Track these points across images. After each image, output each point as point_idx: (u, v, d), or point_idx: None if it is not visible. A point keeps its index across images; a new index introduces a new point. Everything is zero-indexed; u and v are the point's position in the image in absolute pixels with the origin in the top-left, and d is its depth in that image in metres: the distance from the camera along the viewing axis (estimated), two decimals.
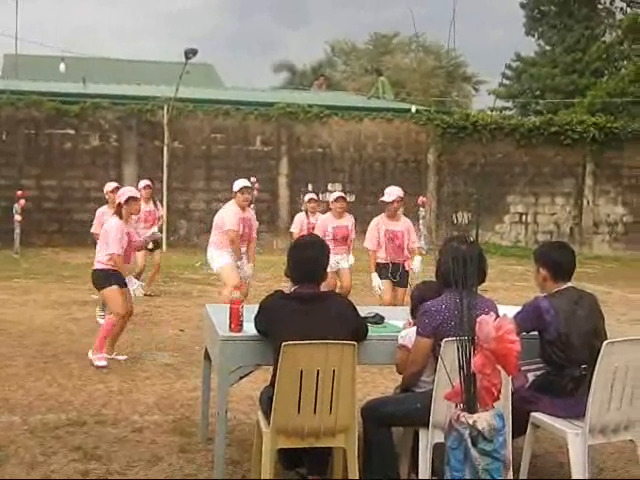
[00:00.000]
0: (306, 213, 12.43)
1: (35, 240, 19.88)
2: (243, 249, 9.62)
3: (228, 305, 4.89)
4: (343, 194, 11.48)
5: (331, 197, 11.28)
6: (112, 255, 7.89)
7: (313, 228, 11.80)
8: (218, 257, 9.59)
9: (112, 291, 7.96)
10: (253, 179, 20.60)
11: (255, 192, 19.76)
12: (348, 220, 10.88)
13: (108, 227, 8.09)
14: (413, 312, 4.95)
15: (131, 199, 8.11)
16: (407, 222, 9.83)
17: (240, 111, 22.08)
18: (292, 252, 4.77)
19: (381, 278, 9.53)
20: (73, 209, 20.77)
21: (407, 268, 9.63)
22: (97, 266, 8.06)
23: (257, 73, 77.30)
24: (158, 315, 10.98)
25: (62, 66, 28.10)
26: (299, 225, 12.38)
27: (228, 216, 9.52)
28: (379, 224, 9.66)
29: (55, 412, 6.33)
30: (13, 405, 6.48)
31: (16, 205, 18.36)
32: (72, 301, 11.92)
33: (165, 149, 21.23)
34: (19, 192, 18.65)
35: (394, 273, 9.51)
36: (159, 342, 9.05)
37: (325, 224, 10.66)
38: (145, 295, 11.89)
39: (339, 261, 10.56)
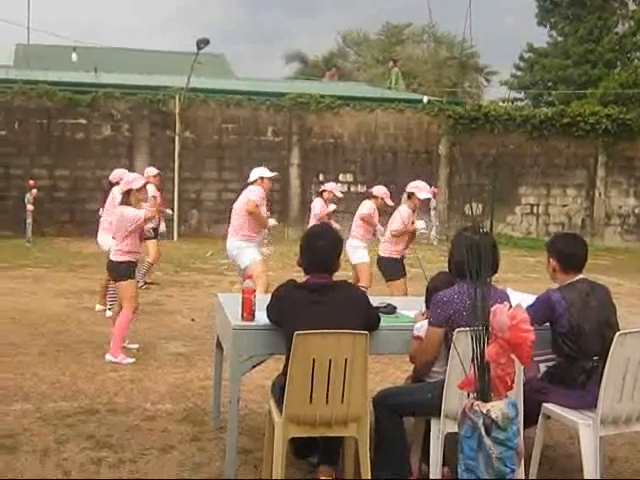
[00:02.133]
0: (324, 200, 12.46)
1: (47, 229, 19.96)
2: (261, 238, 9.59)
3: (239, 294, 4.90)
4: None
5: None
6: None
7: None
8: (247, 248, 9.35)
9: (131, 284, 7.94)
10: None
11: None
12: None
13: (126, 216, 7.86)
14: (427, 302, 4.94)
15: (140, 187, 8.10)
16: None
17: (252, 101, 22.08)
18: (304, 242, 4.77)
19: (398, 275, 9.47)
20: (85, 199, 20.81)
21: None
22: (116, 257, 7.87)
23: (268, 64, 77.10)
24: (169, 304, 11.01)
25: (74, 56, 28.17)
26: (318, 208, 12.40)
27: (257, 196, 9.33)
28: (410, 217, 9.51)
29: (68, 400, 6.36)
30: (26, 393, 6.52)
31: (28, 195, 18.44)
32: (84, 290, 11.96)
33: (177, 139, 21.26)
34: (31, 182, 18.74)
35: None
36: (171, 331, 9.08)
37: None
38: (147, 284, 11.96)
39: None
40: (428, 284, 5.24)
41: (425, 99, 23.71)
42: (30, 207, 18.40)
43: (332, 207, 12.20)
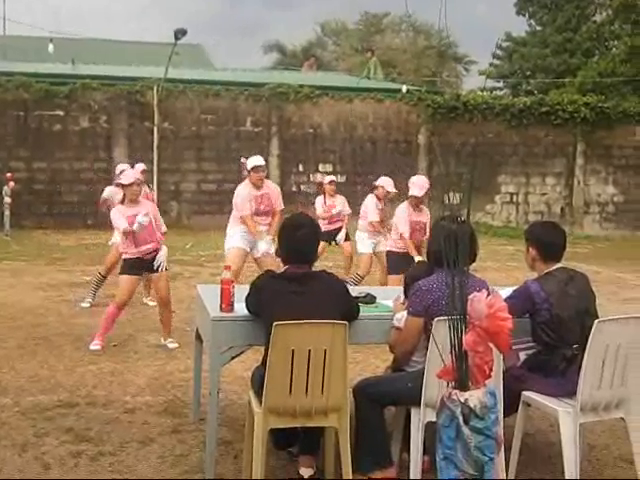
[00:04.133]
0: (324, 195, 12.47)
1: (25, 222, 19.82)
2: (264, 227, 9.38)
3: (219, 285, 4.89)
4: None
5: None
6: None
7: (330, 209, 12.07)
8: (230, 237, 9.47)
9: (123, 279, 8.05)
10: (243, 160, 20.55)
11: (246, 172, 19.74)
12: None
13: (112, 219, 8.10)
14: (406, 292, 4.95)
15: (134, 183, 8.07)
16: (428, 213, 9.64)
17: (230, 92, 21.99)
18: (282, 232, 4.76)
19: (398, 270, 9.04)
20: (63, 191, 20.73)
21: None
22: (124, 256, 8.15)
23: (247, 54, 76.96)
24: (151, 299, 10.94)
25: (50, 47, 27.88)
26: (322, 210, 12.41)
27: (239, 199, 9.36)
28: (408, 214, 9.37)
29: (47, 394, 6.33)
30: (4, 387, 6.48)
31: (6, 187, 18.29)
32: (63, 283, 11.91)
33: (155, 130, 21.16)
34: (9, 174, 18.59)
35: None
36: (151, 323, 9.03)
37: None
38: None
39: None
40: (406, 273, 5.24)
41: (404, 89, 23.67)
42: (8, 200, 18.26)
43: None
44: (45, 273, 12.94)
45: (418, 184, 9.37)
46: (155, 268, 8.03)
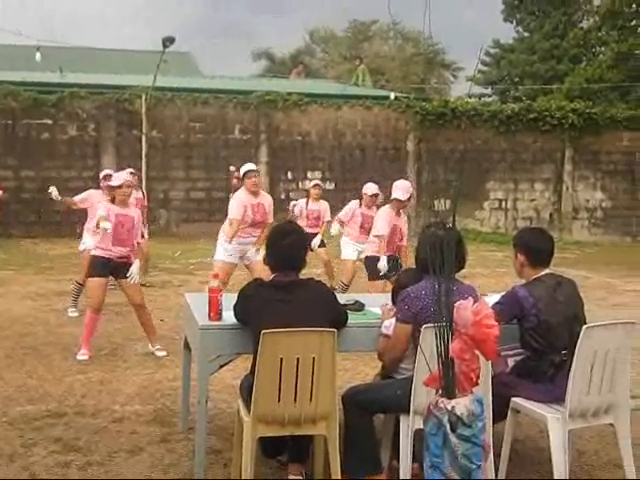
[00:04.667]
0: (307, 199, 12.48)
1: (13, 231, 19.75)
2: (253, 238, 9.34)
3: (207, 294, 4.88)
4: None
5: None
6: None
7: (313, 215, 12.10)
8: (218, 248, 9.38)
9: (91, 281, 8.06)
10: (232, 168, 20.51)
11: (235, 181, 19.71)
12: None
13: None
14: (394, 299, 4.95)
15: (123, 185, 8.08)
16: (405, 218, 9.68)
17: (219, 99, 21.96)
18: (270, 241, 4.76)
19: (377, 275, 9.20)
20: (51, 200, 20.61)
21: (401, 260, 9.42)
22: (93, 251, 8.14)
23: (235, 62, 76.82)
24: None
25: (38, 55, 27.81)
26: (299, 211, 12.46)
27: (234, 204, 9.30)
28: (390, 218, 9.35)
29: (35, 403, 6.30)
30: None
31: None
32: (51, 292, 11.87)
33: (143, 138, 21.10)
34: None
35: (391, 268, 9.09)
36: (139, 332, 9.00)
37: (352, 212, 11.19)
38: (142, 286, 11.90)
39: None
40: (394, 281, 5.24)
41: (392, 95, 23.70)
42: None
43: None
44: (33, 282, 12.89)
45: (402, 188, 9.33)
46: (128, 277, 8.00)
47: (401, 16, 46.03)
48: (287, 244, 4.63)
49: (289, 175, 22.12)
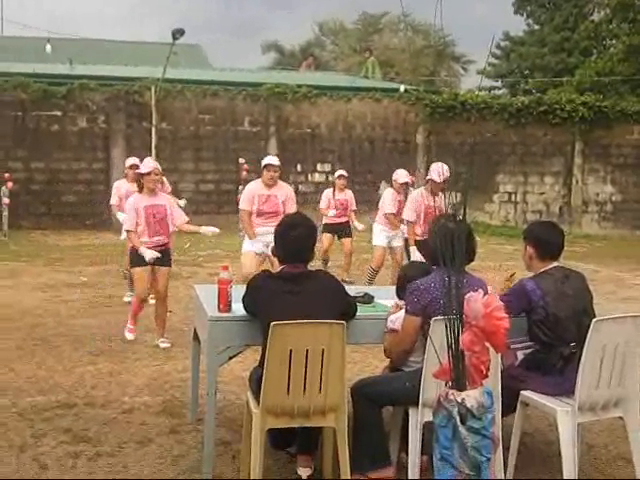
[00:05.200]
0: (333, 189, 12.59)
1: (23, 222, 19.78)
2: (269, 228, 9.32)
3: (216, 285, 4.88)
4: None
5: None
6: (128, 233, 8.23)
7: (341, 204, 12.15)
8: (244, 241, 9.54)
9: (134, 272, 8.29)
10: (242, 160, 20.57)
11: (244, 173, 19.73)
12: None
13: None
14: (399, 292, 4.95)
15: (151, 172, 8.11)
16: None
17: (228, 92, 21.96)
18: (278, 232, 4.75)
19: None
20: (61, 191, 20.69)
21: None
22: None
23: (244, 54, 76.77)
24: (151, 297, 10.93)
25: (48, 47, 27.90)
26: (327, 201, 12.60)
27: (244, 195, 9.51)
28: (422, 197, 9.54)
29: (45, 394, 6.32)
30: (3, 388, 6.47)
31: (4, 188, 18.27)
32: (61, 283, 11.89)
33: (153, 130, 21.12)
34: (7, 175, 18.56)
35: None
36: (149, 324, 9.02)
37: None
38: None
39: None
40: (400, 273, 5.24)
41: (402, 88, 23.66)
42: (6, 200, 18.23)
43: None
44: (43, 274, 12.93)
45: (437, 170, 9.42)
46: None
47: (412, 8, 45.77)
48: (295, 236, 4.63)
49: (299, 167, 22.10)
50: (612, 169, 24.51)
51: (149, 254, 7.79)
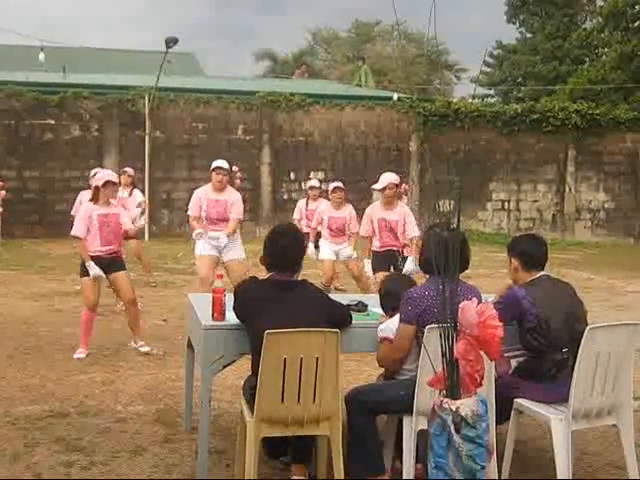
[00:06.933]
0: (307, 200, 12.44)
1: (16, 231, 19.70)
2: (218, 233, 9.33)
3: (210, 294, 4.87)
4: (341, 184, 11.19)
5: (330, 187, 11.34)
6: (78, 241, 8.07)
7: (312, 215, 11.90)
8: (196, 245, 9.57)
9: (82, 282, 8.15)
10: (235, 168, 20.53)
11: (238, 181, 19.71)
12: (345, 211, 10.98)
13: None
14: (383, 305, 4.96)
15: (109, 183, 8.08)
16: (404, 211, 9.56)
17: (222, 100, 21.99)
18: (268, 240, 4.76)
19: (378, 267, 9.24)
20: (54, 200, 20.64)
21: (406, 254, 9.33)
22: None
23: (238, 62, 77.06)
24: (141, 305, 10.91)
25: (41, 56, 27.93)
26: (298, 212, 12.46)
27: (192, 200, 9.62)
28: (373, 213, 9.52)
29: (38, 403, 6.30)
30: None
31: None
32: (53, 292, 11.87)
33: (146, 139, 21.12)
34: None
35: (394, 260, 9.17)
36: (141, 332, 9.01)
37: (321, 214, 10.85)
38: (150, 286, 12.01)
39: (338, 251, 10.87)
40: (380, 287, 5.24)
41: (395, 96, 23.72)
42: None
43: None
44: (36, 282, 12.90)
45: (380, 179, 9.42)
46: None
47: (405, 17, 45.90)
48: (283, 245, 4.65)
49: (292, 176, 22.13)
50: (605, 177, 24.58)
51: (94, 272, 7.82)
